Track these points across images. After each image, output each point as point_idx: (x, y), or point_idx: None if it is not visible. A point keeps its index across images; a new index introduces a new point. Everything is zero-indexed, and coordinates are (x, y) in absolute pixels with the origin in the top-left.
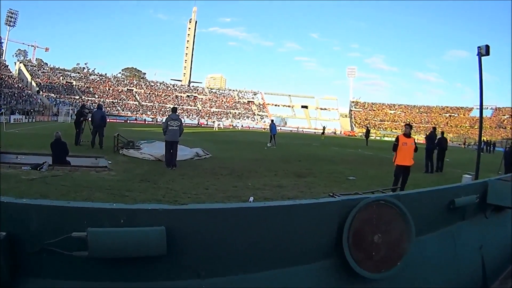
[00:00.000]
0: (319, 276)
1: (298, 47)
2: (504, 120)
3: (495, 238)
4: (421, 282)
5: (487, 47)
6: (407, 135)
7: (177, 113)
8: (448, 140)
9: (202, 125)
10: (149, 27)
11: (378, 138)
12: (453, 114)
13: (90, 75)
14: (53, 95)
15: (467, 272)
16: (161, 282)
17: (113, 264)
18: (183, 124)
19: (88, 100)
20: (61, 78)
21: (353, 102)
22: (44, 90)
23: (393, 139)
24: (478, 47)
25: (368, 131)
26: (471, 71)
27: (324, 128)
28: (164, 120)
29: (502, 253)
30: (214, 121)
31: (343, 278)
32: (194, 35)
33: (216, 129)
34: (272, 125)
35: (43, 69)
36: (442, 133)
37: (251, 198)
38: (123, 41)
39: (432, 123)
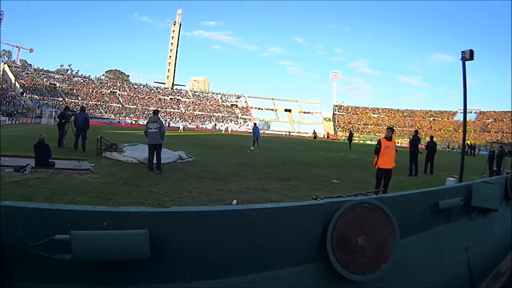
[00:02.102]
0: (304, 279)
1: (282, 52)
2: (488, 124)
3: (480, 239)
4: (408, 283)
5: (471, 51)
6: (389, 138)
7: (158, 116)
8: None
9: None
10: (133, 30)
11: (362, 141)
12: (437, 118)
13: (74, 77)
14: (36, 96)
15: (454, 273)
16: (145, 285)
17: (97, 268)
18: (164, 127)
19: (72, 102)
20: (44, 79)
21: (336, 106)
22: (27, 92)
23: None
24: (462, 51)
25: (351, 135)
26: (455, 75)
27: (314, 132)
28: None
29: (488, 254)
30: (216, 124)
31: (328, 280)
32: (178, 38)
33: (212, 133)
34: (256, 128)
35: (27, 70)
36: (431, 137)
37: (234, 201)
38: (108, 44)
39: (416, 126)
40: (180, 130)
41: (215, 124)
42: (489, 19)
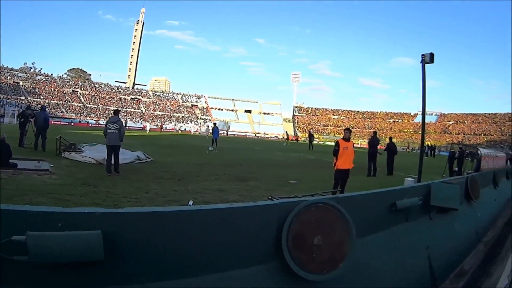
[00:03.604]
0: (261, 279)
1: (244, 52)
2: (449, 126)
3: (441, 238)
4: (367, 283)
5: (431, 54)
6: (347, 139)
7: (118, 116)
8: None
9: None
10: (97, 28)
11: (321, 142)
12: (397, 120)
13: (37, 75)
14: None
15: (415, 272)
16: (99, 287)
17: (52, 269)
18: (124, 128)
19: (34, 101)
20: (8, 78)
21: (296, 107)
22: None
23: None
24: (422, 54)
25: (310, 136)
26: (416, 78)
27: (287, 133)
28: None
29: (450, 253)
30: (208, 126)
31: (285, 280)
32: (141, 37)
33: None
34: (215, 129)
35: None
36: (391, 138)
37: (190, 202)
38: (72, 41)
39: (376, 128)
40: (147, 131)
41: (208, 126)
42: (452, 22)
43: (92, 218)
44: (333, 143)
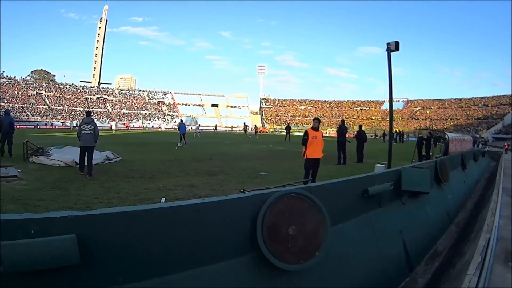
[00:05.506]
0: (238, 272)
1: (209, 46)
2: (416, 112)
3: (414, 222)
4: (345, 269)
5: (397, 43)
6: (316, 129)
7: (91, 117)
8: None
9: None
10: (59, 27)
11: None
12: (364, 108)
13: None
14: None
15: (391, 256)
16: None
17: (29, 277)
18: (98, 128)
19: None
20: None
21: (263, 99)
22: None
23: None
24: (388, 43)
25: (288, 128)
26: (383, 66)
27: (256, 126)
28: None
29: (424, 235)
30: (200, 125)
31: (263, 272)
32: (105, 35)
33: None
34: (182, 125)
35: None
36: (360, 126)
37: (163, 199)
38: (34, 42)
39: (344, 116)
40: (113, 130)
41: (199, 125)
42: (417, 13)
43: (65, 222)
44: (301, 133)
